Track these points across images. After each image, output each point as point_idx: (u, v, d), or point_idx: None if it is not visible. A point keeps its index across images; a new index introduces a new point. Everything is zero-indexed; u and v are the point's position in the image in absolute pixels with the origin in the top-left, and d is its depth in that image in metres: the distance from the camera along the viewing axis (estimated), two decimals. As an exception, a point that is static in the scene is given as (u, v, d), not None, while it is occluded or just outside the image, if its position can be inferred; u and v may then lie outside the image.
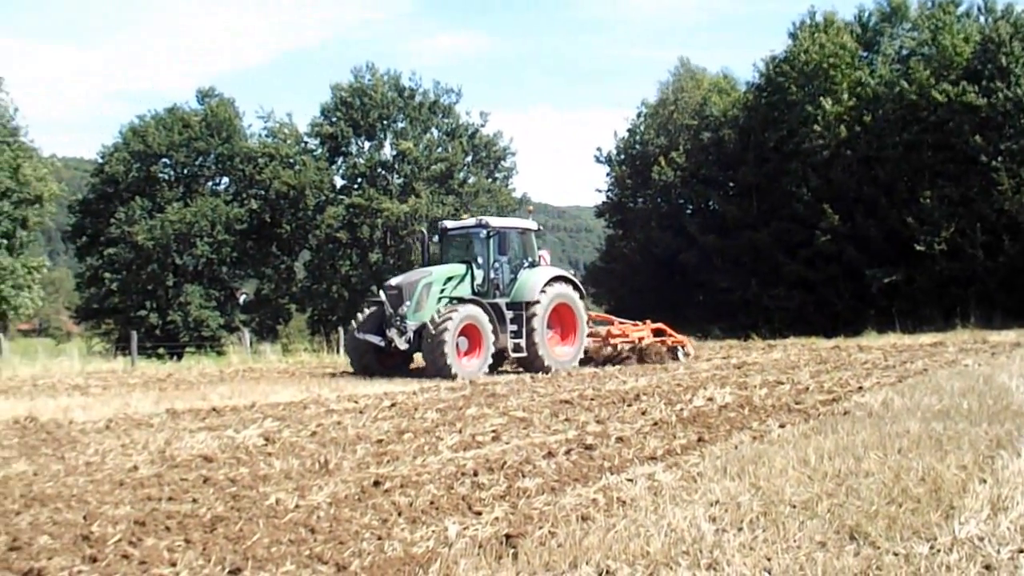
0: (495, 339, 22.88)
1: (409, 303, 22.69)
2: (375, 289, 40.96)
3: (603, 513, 7.19)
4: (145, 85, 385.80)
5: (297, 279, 60.18)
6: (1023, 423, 10.85)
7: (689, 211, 55.39)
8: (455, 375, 21.30)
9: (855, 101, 46.30)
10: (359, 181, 59.57)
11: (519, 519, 7.06)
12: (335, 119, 59.26)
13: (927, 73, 44.47)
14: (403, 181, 58.49)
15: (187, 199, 59.05)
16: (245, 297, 62.56)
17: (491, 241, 24.17)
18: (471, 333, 22.57)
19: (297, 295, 59.31)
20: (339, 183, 60.34)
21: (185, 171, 61.30)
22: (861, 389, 15.73)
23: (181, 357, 42.85)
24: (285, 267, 60.99)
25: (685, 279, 52.53)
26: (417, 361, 23.74)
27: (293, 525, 7.00)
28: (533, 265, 24.95)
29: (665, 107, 57.94)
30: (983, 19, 49.43)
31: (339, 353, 32.60)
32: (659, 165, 52.70)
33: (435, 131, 61.08)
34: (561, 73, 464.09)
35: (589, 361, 25.43)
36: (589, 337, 25.61)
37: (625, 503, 7.53)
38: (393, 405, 15.08)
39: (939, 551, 6.00)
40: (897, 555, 5.95)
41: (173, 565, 6.08)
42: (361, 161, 59.65)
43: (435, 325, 21.90)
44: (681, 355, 26.51)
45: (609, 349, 25.97)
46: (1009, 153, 42.66)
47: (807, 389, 15.99)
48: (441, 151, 59.56)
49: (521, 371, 23.92)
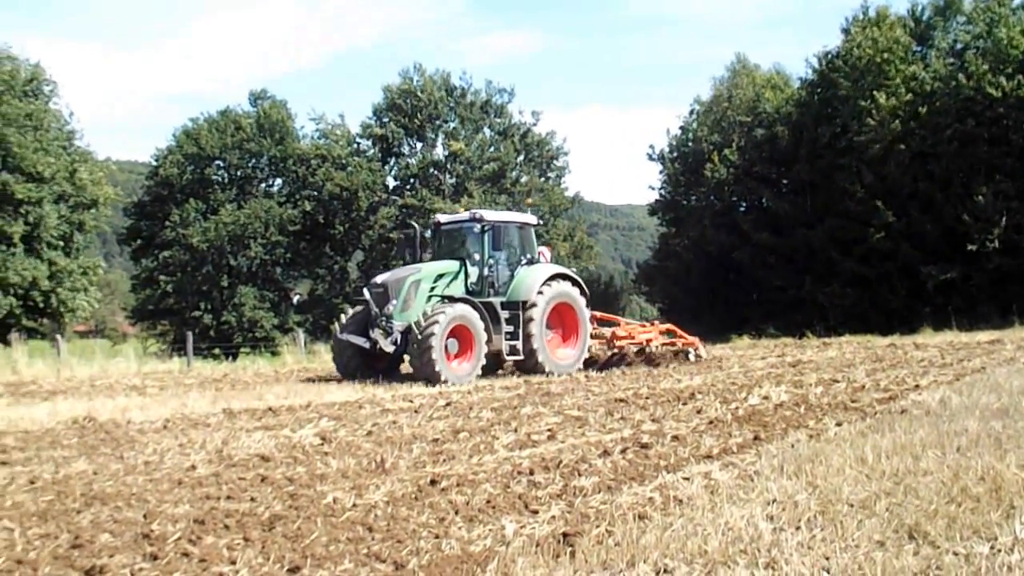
0: (488, 341, 21.45)
1: (395, 302, 21.30)
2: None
3: (660, 512, 7.16)
4: (198, 88, 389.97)
5: (350, 279, 60.44)
6: (1085, 421, 10.70)
7: (742, 209, 55.02)
8: (443, 380, 19.92)
9: (909, 96, 45.79)
10: (411, 181, 59.75)
11: (576, 518, 7.05)
12: (386, 120, 59.49)
13: (984, 67, 43.91)
14: (455, 181, 58.62)
15: (240, 201, 59.51)
16: (299, 297, 62.90)
17: (486, 236, 22.81)
18: (462, 335, 21.05)
19: (350, 295, 59.55)
20: (391, 184, 60.55)
21: (238, 173, 61.79)
22: (918, 387, 15.56)
23: (236, 357, 43.16)
24: (338, 267, 61.36)
25: (739, 277, 52.22)
26: (408, 364, 21.99)
27: (351, 524, 7.02)
28: (532, 262, 23.66)
29: (719, 104, 57.63)
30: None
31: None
32: (712, 163, 52.42)
33: (487, 131, 61.18)
34: (613, 71, 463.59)
35: (592, 364, 24.15)
36: (593, 339, 24.39)
37: (682, 502, 7.49)
38: (448, 404, 15.11)
39: (1000, 551, 5.92)
40: (957, 555, 5.88)
41: (233, 563, 6.11)
42: (413, 162, 59.88)
43: (422, 326, 20.35)
44: (692, 357, 25.11)
45: (613, 351, 24.59)
46: (1067, 148, 42.06)
47: (863, 387, 15.85)
48: (493, 151, 59.63)
49: (518, 374, 22.70)
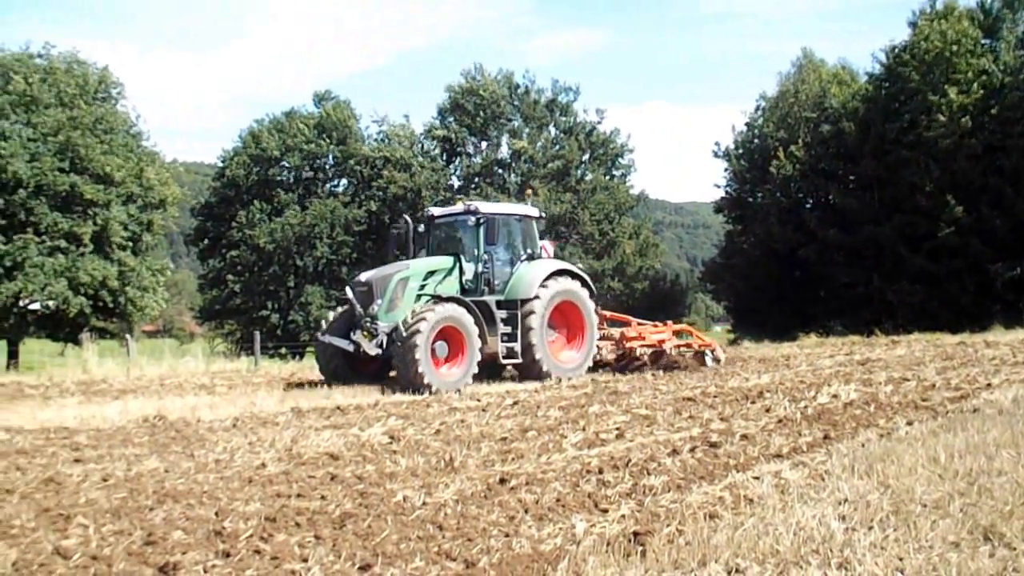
0: (482, 343, 19.75)
1: (380, 301, 19.80)
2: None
3: (730, 511, 7.15)
4: (265, 90, 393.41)
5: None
6: None
7: (809, 205, 54.49)
8: (429, 385, 18.38)
9: (979, 90, 45.18)
10: (476, 180, 59.87)
11: (646, 517, 7.05)
12: (450, 121, 59.73)
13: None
14: (520, 179, 58.68)
15: (305, 201, 59.96)
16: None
17: (481, 229, 21.13)
18: (452, 337, 19.41)
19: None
20: (456, 183, 60.69)
21: (303, 174, 62.26)
22: (990, 386, 15.37)
23: (303, 356, 43.46)
24: (404, 267, 61.52)
25: (805, 274, 51.77)
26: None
27: (421, 522, 7.07)
28: (533, 258, 22.03)
29: (785, 100, 57.18)
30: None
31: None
32: (778, 159, 52.05)
33: (552, 129, 61.18)
34: (677, 67, 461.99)
35: (601, 367, 22.94)
36: (602, 340, 23.02)
37: (752, 501, 7.48)
38: (516, 403, 15.14)
39: (1077, 553, 5.86)
40: (1034, 556, 5.82)
41: (304, 561, 6.17)
42: (477, 160, 60.00)
43: (406, 327, 18.77)
44: (709, 360, 23.58)
45: (622, 353, 23.34)
46: None
47: (934, 386, 15.67)
48: (558, 149, 59.63)
49: (518, 378, 21.35)
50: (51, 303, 36.70)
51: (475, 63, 74.80)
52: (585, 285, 22.18)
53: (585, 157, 60.80)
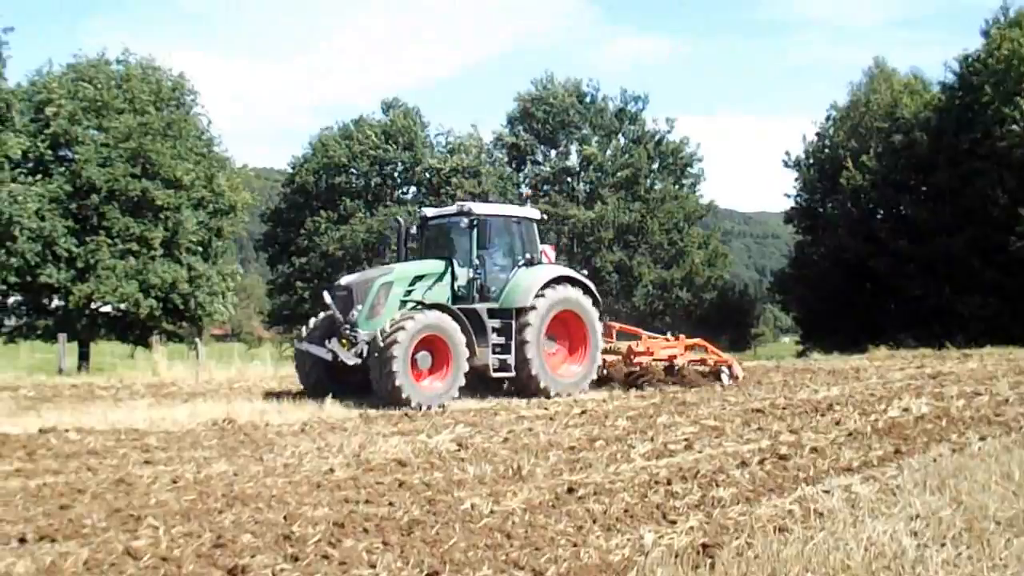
0: (470, 355, 18.23)
1: (360, 307, 18.37)
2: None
3: (800, 525, 7.09)
4: (334, 98, 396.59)
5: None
6: None
7: (879, 216, 53.93)
8: (408, 400, 17.12)
9: (1053, 100, 44.46)
10: (544, 188, 59.87)
11: (714, 529, 7.02)
12: (519, 130, 59.84)
13: None
14: (589, 188, 58.63)
15: (373, 208, 60.24)
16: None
17: (474, 232, 19.54)
18: (436, 347, 18.02)
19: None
20: (525, 192, 60.74)
21: (371, 180, 62.56)
22: (1065, 401, 15.16)
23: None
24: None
25: (876, 286, 51.26)
26: None
27: (488, 530, 7.08)
28: (531, 263, 20.37)
29: (856, 109, 56.67)
30: None
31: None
32: (848, 169, 51.58)
33: (621, 138, 61.10)
34: (747, 76, 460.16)
35: (607, 382, 21.45)
36: (608, 354, 21.68)
37: (822, 515, 7.42)
38: (584, 412, 15.15)
39: None
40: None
41: (372, 567, 6.21)
42: (547, 168, 60.05)
43: (383, 336, 17.46)
44: (725, 378, 22.07)
45: (631, 369, 21.82)
46: None
47: (1007, 401, 15.46)
48: (627, 157, 59.50)
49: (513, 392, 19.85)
50: (122, 305, 37.07)
51: (546, 71, 74.87)
52: (588, 293, 20.64)
53: (654, 166, 60.62)
